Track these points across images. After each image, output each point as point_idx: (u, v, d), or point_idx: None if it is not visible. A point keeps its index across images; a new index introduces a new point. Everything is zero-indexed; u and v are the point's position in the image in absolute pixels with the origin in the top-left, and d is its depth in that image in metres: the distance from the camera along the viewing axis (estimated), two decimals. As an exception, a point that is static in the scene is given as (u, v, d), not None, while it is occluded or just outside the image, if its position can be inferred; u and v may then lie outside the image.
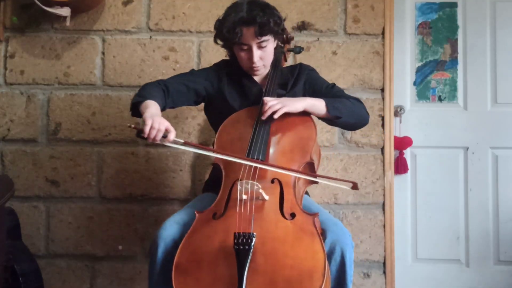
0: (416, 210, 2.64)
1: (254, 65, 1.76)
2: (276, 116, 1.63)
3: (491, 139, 2.63)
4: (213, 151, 1.58)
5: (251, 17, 1.67)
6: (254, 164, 1.54)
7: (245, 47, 1.73)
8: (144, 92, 1.69)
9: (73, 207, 2.44)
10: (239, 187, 1.49)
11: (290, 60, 2.44)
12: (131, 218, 2.43)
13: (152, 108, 1.58)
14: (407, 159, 2.61)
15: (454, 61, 2.66)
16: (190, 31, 2.45)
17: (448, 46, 2.67)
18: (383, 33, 2.46)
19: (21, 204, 2.41)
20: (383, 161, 2.43)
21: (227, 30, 1.69)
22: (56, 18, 2.36)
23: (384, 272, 2.42)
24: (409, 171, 2.62)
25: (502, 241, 2.60)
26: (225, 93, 1.83)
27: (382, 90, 2.45)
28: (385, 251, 2.42)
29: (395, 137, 2.54)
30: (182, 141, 1.53)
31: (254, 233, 1.37)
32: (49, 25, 2.46)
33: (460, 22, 2.66)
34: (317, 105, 1.70)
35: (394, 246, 2.43)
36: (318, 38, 2.46)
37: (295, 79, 1.88)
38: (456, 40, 2.66)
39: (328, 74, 2.44)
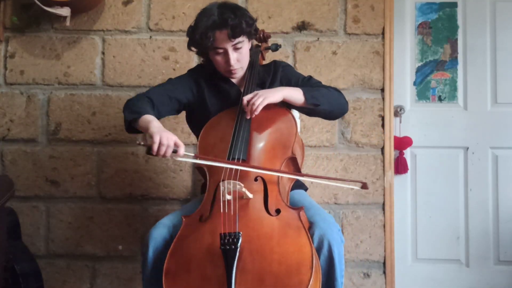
0: (416, 210, 2.64)
1: (231, 68, 1.76)
2: (258, 109, 1.64)
3: (491, 139, 2.63)
4: (226, 163, 1.56)
5: (223, 20, 1.68)
6: (234, 167, 1.53)
7: (221, 51, 1.73)
8: (135, 108, 1.67)
9: (73, 207, 2.44)
10: (221, 187, 1.49)
11: (291, 60, 2.44)
12: (131, 218, 2.43)
13: (155, 122, 1.58)
14: (407, 159, 2.61)
15: (454, 61, 2.66)
16: (190, 31, 2.45)
17: (448, 46, 2.67)
18: (383, 33, 2.46)
19: (21, 204, 2.41)
20: (383, 161, 2.43)
21: (200, 36, 1.69)
22: (56, 18, 2.36)
23: (384, 272, 2.42)
24: (409, 171, 2.62)
25: (502, 241, 2.60)
26: (205, 98, 1.83)
27: (382, 90, 2.45)
28: (385, 251, 2.42)
29: (395, 137, 2.54)
30: (193, 155, 1.54)
31: (240, 232, 1.38)
32: (49, 25, 2.46)
33: (460, 22, 2.66)
34: (295, 94, 1.71)
35: (394, 246, 2.43)
36: (318, 38, 2.46)
37: (272, 77, 1.88)
38: (456, 40, 2.66)
39: (328, 74, 2.44)
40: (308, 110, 1.76)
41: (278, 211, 1.47)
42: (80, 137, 2.44)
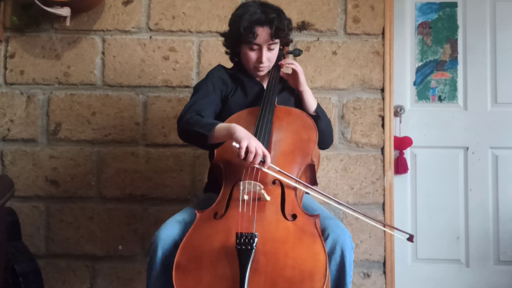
0: (416, 210, 2.64)
1: (261, 65, 1.80)
2: (289, 66, 1.81)
3: (491, 139, 2.63)
4: (312, 189, 1.59)
5: (268, 19, 1.72)
6: (257, 166, 1.53)
7: (256, 47, 1.77)
8: (201, 123, 1.62)
9: (73, 207, 2.44)
10: (241, 187, 1.49)
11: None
12: (131, 218, 2.43)
13: (237, 127, 1.55)
14: (407, 159, 2.61)
15: (454, 61, 2.66)
16: (190, 31, 2.46)
17: (448, 46, 2.67)
18: (383, 33, 2.46)
19: (21, 204, 2.41)
20: (383, 161, 2.43)
21: (244, 29, 1.72)
22: (56, 18, 2.36)
23: (384, 272, 2.42)
24: (409, 171, 2.62)
25: (502, 241, 2.60)
26: (228, 95, 1.85)
27: (382, 90, 2.45)
28: (385, 251, 2.42)
29: (395, 137, 2.54)
30: (278, 168, 1.53)
31: (257, 233, 1.37)
32: (49, 25, 2.46)
33: (460, 22, 2.66)
34: (312, 98, 1.85)
35: (394, 246, 2.43)
36: (318, 38, 2.46)
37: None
38: (456, 40, 2.66)
39: (328, 74, 2.44)
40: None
41: (294, 216, 1.47)
42: (80, 137, 2.44)
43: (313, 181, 1.69)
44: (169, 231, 1.54)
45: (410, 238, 1.57)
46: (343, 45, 2.46)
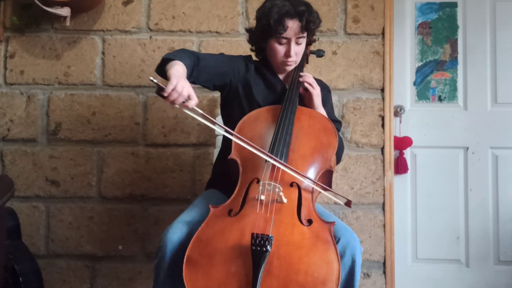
0: (416, 210, 2.64)
1: (288, 59, 1.76)
2: (306, 83, 1.75)
3: (491, 139, 2.63)
4: (234, 136, 1.52)
5: (299, 12, 1.69)
6: (278, 165, 1.51)
7: (284, 41, 1.73)
8: (176, 53, 1.66)
9: (73, 207, 2.44)
10: (260, 187, 1.47)
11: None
12: (131, 218, 2.43)
13: (179, 67, 1.54)
14: (407, 159, 2.61)
15: (454, 61, 2.66)
16: (190, 31, 2.46)
17: (448, 46, 2.67)
18: (383, 33, 2.46)
19: (21, 204, 2.41)
20: (383, 161, 2.44)
21: (275, 21, 1.68)
22: (56, 18, 2.36)
23: (384, 272, 2.42)
24: (409, 171, 2.62)
25: (502, 241, 2.60)
26: (250, 83, 1.80)
27: (382, 90, 2.45)
28: (385, 251, 2.42)
29: (395, 137, 2.54)
30: (201, 111, 1.48)
31: (272, 236, 1.35)
32: (49, 25, 2.46)
33: (460, 22, 2.66)
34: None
35: (394, 246, 2.43)
36: (318, 38, 2.46)
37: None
38: (456, 40, 2.66)
39: (328, 74, 2.44)
40: None
41: (310, 222, 1.45)
42: (80, 137, 2.44)
43: (329, 187, 1.66)
44: (177, 233, 1.51)
45: (348, 203, 1.60)
46: (343, 45, 2.46)
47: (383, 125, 2.44)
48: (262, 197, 1.45)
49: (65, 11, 2.31)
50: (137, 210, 2.43)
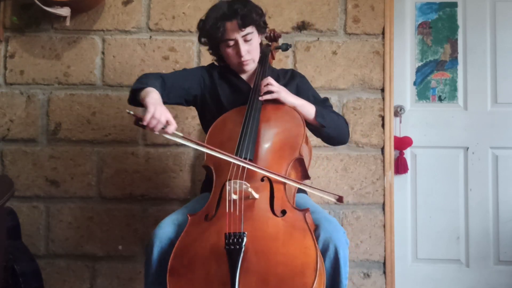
0: (416, 210, 2.64)
1: (242, 59, 1.78)
2: (267, 97, 1.69)
3: (491, 139, 2.63)
4: (212, 149, 1.56)
5: (232, 10, 1.72)
6: (242, 164, 1.53)
7: (231, 43, 1.76)
8: (145, 80, 1.69)
9: (73, 207, 2.44)
10: (227, 187, 1.48)
11: (291, 60, 2.44)
12: (131, 218, 2.43)
13: (154, 94, 1.58)
14: (407, 159, 2.61)
15: (454, 61, 2.66)
16: (190, 31, 2.45)
17: (448, 46, 2.67)
18: (383, 33, 2.46)
19: (21, 204, 2.41)
20: (383, 161, 2.43)
21: (210, 26, 1.74)
22: (56, 18, 2.36)
23: (384, 272, 2.42)
24: (409, 171, 2.62)
25: (502, 241, 2.60)
26: (218, 91, 1.85)
27: (382, 90, 2.45)
28: (385, 251, 2.42)
29: (395, 137, 2.54)
30: (181, 134, 1.52)
31: (245, 232, 1.36)
32: (49, 25, 2.46)
33: (460, 22, 2.66)
34: (308, 108, 1.74)
35: (394, 246, 2.43)
36: (318, 38, 2.46)
37: (288, 81, 1.90)
38: (456, 40, 2.66)
39: (328, 74, 2.44)
40: (312, 127, 1.78)
41: (283, 212, 1.46)
42: (80, 137, 2.44)
43: (305, 176, 1.69)
44: (165, 230, 1.54)
45: (340, 199, 1.62)
46: (343, 45, 2.46)
47: (383, 125, 2.44)
48: (235, 197, 1.46)
49: (65, 11, 2.31)
50: (137, 210, 2.43)
